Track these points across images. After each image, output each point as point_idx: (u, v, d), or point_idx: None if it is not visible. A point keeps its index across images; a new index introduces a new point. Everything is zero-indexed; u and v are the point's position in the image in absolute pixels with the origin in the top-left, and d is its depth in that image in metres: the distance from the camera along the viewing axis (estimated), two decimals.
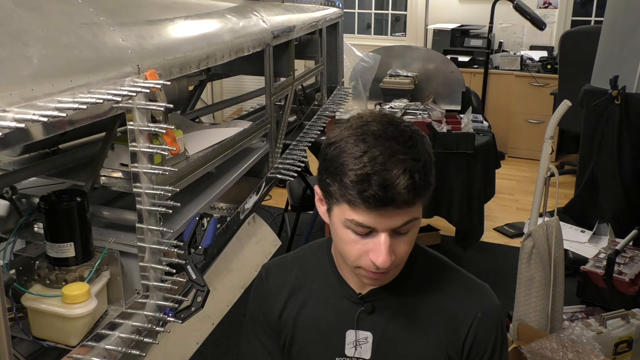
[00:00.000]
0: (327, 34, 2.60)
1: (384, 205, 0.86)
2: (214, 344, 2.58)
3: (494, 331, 1.04)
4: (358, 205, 0.87)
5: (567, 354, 1.96)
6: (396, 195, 0.85)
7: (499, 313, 1.06)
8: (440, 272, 1.08)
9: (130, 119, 1.08)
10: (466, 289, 1.06)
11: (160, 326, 1.19)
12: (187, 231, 1.23)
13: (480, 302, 1.04)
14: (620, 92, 3.04)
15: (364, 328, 1.05)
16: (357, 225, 0.89)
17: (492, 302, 1.05)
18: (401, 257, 0.94)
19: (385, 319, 1.05)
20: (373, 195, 0.85)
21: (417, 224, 0.93)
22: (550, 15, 5.21)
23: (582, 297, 2.80)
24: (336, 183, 0.89)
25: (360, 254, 0.92)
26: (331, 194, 0.92)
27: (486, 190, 3.06)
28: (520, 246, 2.24)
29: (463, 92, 3.60)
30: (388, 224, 0.88)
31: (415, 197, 0.87)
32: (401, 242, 0.92)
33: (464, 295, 1.05)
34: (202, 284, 1.17)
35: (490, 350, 1.04)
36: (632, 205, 3.18)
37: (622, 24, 3.22)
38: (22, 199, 1.29)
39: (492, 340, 1.04)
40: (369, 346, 1.04)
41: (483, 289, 1.07)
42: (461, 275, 1.08)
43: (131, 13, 1.22)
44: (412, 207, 0.88)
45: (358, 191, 0.86)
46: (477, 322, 1.03)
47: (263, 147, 1.90)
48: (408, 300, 1.05)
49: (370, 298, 1.05)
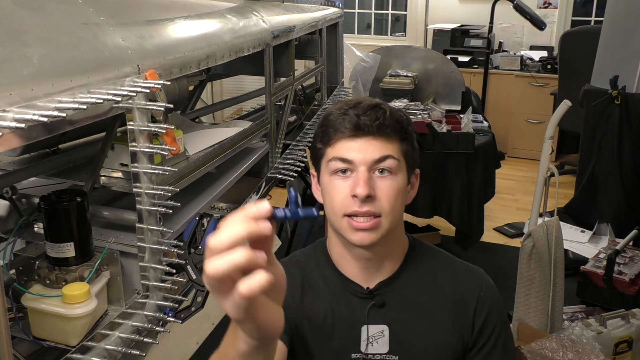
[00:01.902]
0: (327, 34, 2.60)
1: (356, 130, 0.96)
2: (214, 344, 2.57)
3: (496, 308, 1.08)
4: (336, 140, 0.98)
5: (567, 354, 1.96)
6: (367, 122, 0.96)
7: (496, 291, 1.11)
8: (438, 260, 1.12)
9: (130, 119, 1.08)
10: (465, 272, 1.10)
11: (160, 326, 1.19)
12: (187, 231, 1.23)
13: (479, 282, 1.09)
14: (620, 92, 3.04)
15: (377, 322, 1.05)
16: (338, 161, 0.98)
17: (489, 282, 1.11)
18: (384, 200, 0.97)
19: (397, 311, 1.05)
20: (348, 122, 0.97)
21: (395, 166, 0.98)
22: (550, 15, 5.21)
23: (582, 297, 2.80)
24: (320, 137, 1.01)
25: (345, 197, 0.98)
26: (318, 154, 1.02)
27: (486, 190, 3.06)
28: (520, 246, 2.24)
29: (463, 92, 3.60)
30: (364, 156, 0.96)
31: (383, 129, 0.97)
32: (382, 182, 0.97)
33: (464, 278, 1.09)
34: (202, 284, 1.17)
35: (499, 328, 1.07)
36: (632, 205, 3.17)
37: (622, 24, 3.22)
38: (22, 199, 1.29)
39: (495, 315, 1.07)
40: (385, 340, 1.04)
41: (478, 271, 1.13)
42: (458, 262, 1.13)
43: (131, 13, 1.22)
44: (384, 142, 0.97)
45: (336, 125, 0.98)
46: (482, 301, 1.07)
47: (263, 147, 1.90)
48: (414, 289, 1.06)
49: (378, 291, 1.05)
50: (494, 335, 1.07)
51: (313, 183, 1.09)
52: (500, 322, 1.09)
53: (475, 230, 3.06)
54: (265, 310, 0.60)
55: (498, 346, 1.07)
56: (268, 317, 0.60)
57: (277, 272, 0.62)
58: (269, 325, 0.61)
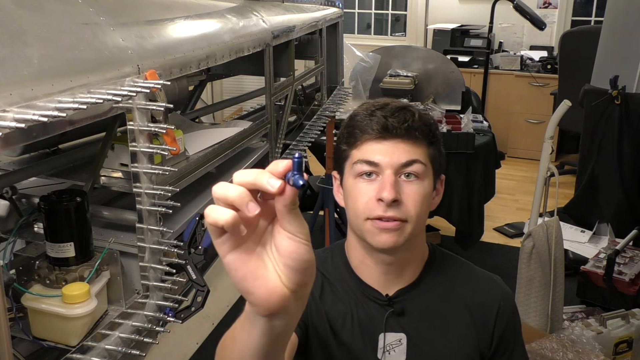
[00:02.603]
0: (327, 34, 2.60)
1: (384, 132, 0.94)
2: (214, 344, 2.58)
3: (514, 317, 1.07)
4: (363, 142, 0.96)
5: (567, 354, 1.96)
6: (395, 124, 0.94)
7: (514, 301, 1.10)
8: (458, 269, 1.09)
9: (130, 119, 1.08)
10: (485, 282, 1.08)
11: (160, 326, 1.19)
12: (187, 231, 1.23)
13: (500, 292, 1.07)
14: (620, 92, 3.04)
15: (395, 330, 1.02)
16: (363, 163, 0.95)
17: (508, 291, 1.10)
18: (410, 205, 0.95)
19: (415, 319, 1.03)
20: (375, 123, 0.94)
21: (422, 170, 0.96)
22: (550, 15, 5.21)
23: (582, 297, 2.80)
24: (345, 138, 0.99)
25: (369, 200, 0.95)
26: (342, 156, 1.00)
27: (486, 190, 3.06)
28: (520, 246, 2.24)
29: (463, 92, 3.60)
30: (391, 159, 0.94)
31: (411, 132, 0.94)
32: (408, 186, 0.95)
33: (484, 288, 1.07)
34: (202, 284, 1.17)
35: (517, 338, 1.07)
36: (632, 205, 3.17)
37: (622, 24, 3.22)
38: (22, 199, 1.29)
39: (513, 326, 1.07)
40: (403, 348, 1.01)
41: (497, 279, 1.11)
42: (477, 270, 1.11)
43: (131, 13, 1.22)
44: (412, 145, 0.95)
45: (363, 126, 0.95)
46: (502, 311, 1.05)
47: (263, 147, 1.90)
48: (434, 297, 1.04)
49: (397, 299, 1.03)
50: (510, 345, 1.05)
51: (335, 185, 1.06)
52: (518, 332, 1.07)
53: (475, 230, 3.06)
54: (249, 269, 0.57)
55: (514, 356, 1.06)
56: (250, 278, 0.56)
57: (290, 243, 0.57)
58: (255, 289, 0.57)
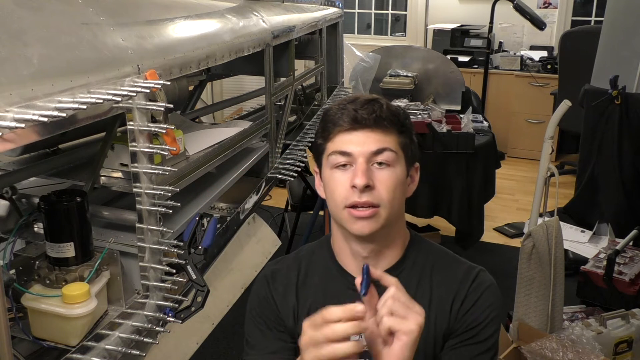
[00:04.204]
0: (327, 34, 2.60)
1: (354, 123, 0.99)
2: (214, 344, 2.58)
3: (485, 303, 1.05)
4: (335, 134, 1.01)
5: (567, 354, 1.96)
6: (365, 115, 0.99)
7: (496, 287, 1.09)
8: (440, 255, 1.12)
9: (130, 119, 1.08)
10: (462, 271, 1.09)
11: (160, 326, 1.19)
12: (187, 231, 1.23)
13: (472, 278, 1.08)
14: (620, 92, 3.04)
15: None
16: (337, 154, 1.00)
17: (484, 279, 1.09)
18: (383, 191, 0.99)
19: None
20: (346, 115, 1.00)
21: (393, 158, 1.00)
22: (550, 15, 5.21)
23: (582, 297, 2.80)
24: (320, 132, 1.04)
25: (345, 189, 1.00)
26: (319, 150, 1.05)
27: (486, 190, 3.06)
28: (520, 246, 2.24)
29: (463, 92, 3.60)
30: (362, 148, 0.99)
31: (380, 122, 0.99)
32: (380, 173, 1.00)
33: (460, 276, 1.08)
34: (202, 284, 1.17)
35: (486, 321, 1.04)
36: (632, 205, 3.17)
37: (622, 24, 3.22)
38: (22, 199, 1.29)
39: (481, 310, 1.05)
40: None
41: (475, 269, 1.11)
42: (459, 261, 1.12)
43: (131, 13, 1.22)
44: (382, 134, 1.00)
45: (335, 120, 1.01)
46: (478, 281, 1.06)
47: (263, 147, 1.90)
48: (409, 284, 1.04)
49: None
50: (477, 326, 1.04)
51: (316, 180, 1.11)
52: (490, 330, 1.06)
53: (475, 230, 3.06)
54: None
55: (478, 337, 1.05)
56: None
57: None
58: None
